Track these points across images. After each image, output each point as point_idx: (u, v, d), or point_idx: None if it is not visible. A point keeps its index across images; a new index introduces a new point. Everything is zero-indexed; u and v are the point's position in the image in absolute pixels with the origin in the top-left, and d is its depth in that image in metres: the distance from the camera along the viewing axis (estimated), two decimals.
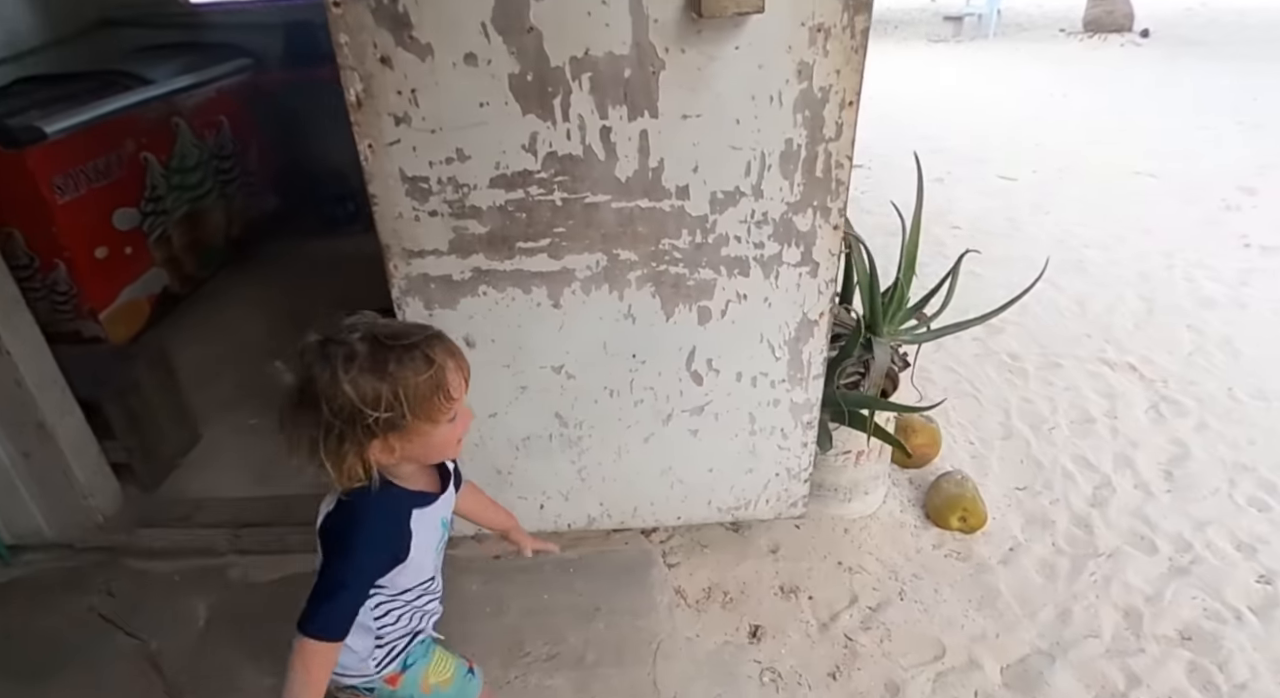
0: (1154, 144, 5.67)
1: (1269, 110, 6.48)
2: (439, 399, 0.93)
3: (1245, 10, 14.43)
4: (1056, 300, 3.44)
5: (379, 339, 0.90)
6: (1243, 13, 14.12)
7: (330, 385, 0.89)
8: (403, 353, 0.91)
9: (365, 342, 0.90)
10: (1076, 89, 7.76)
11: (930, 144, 6.02)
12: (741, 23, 1.24)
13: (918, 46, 11.35)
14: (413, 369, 0.90)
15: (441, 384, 0.93)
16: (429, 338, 0.94)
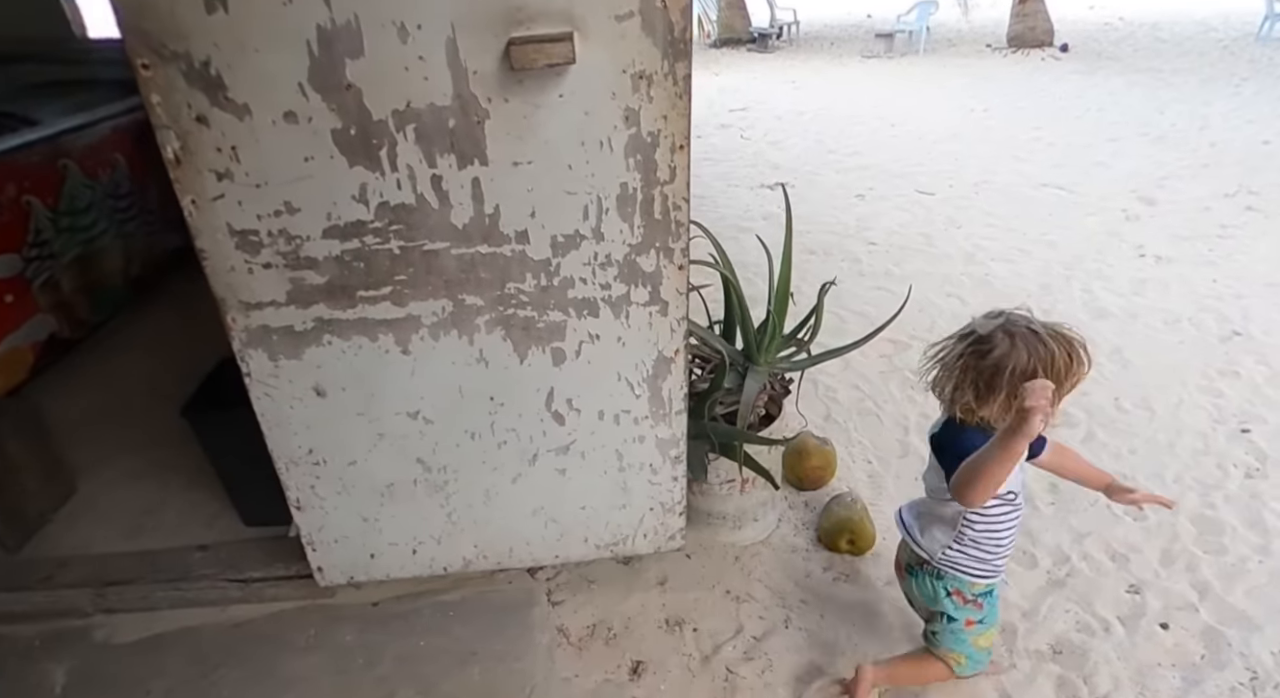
0: (1064, 157, 5.90)
1: (1173, 122, 6.80)
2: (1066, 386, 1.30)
3: (1159, 24, 15.17)
4: (961, 315, 3.52)
5: (1041, 331, 1.32)
6: (1156, 26, 14.84)
7: (1003, 348, 1.29)
8: (1060, 343, 1.30)
9: (1033, 329, 1.32)
10: (996, 104, 8.04)
11: (857, 159, 6.18)
12: (562, 72, 1.25)
13: (851, 63, 11.66)
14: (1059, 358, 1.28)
15: (1072, 375, 1.31)
16: (1079, 341, 1.33)
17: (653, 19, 1.23)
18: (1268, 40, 11.89)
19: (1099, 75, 9.56)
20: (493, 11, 1.20)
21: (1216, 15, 16.24)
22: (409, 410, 1.55)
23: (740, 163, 6.26)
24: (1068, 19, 17.46)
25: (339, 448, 1.58)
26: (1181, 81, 8.85)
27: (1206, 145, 5.97)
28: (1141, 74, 9.51)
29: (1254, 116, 6.79)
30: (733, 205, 5.22)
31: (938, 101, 8.38)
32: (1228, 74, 9.20)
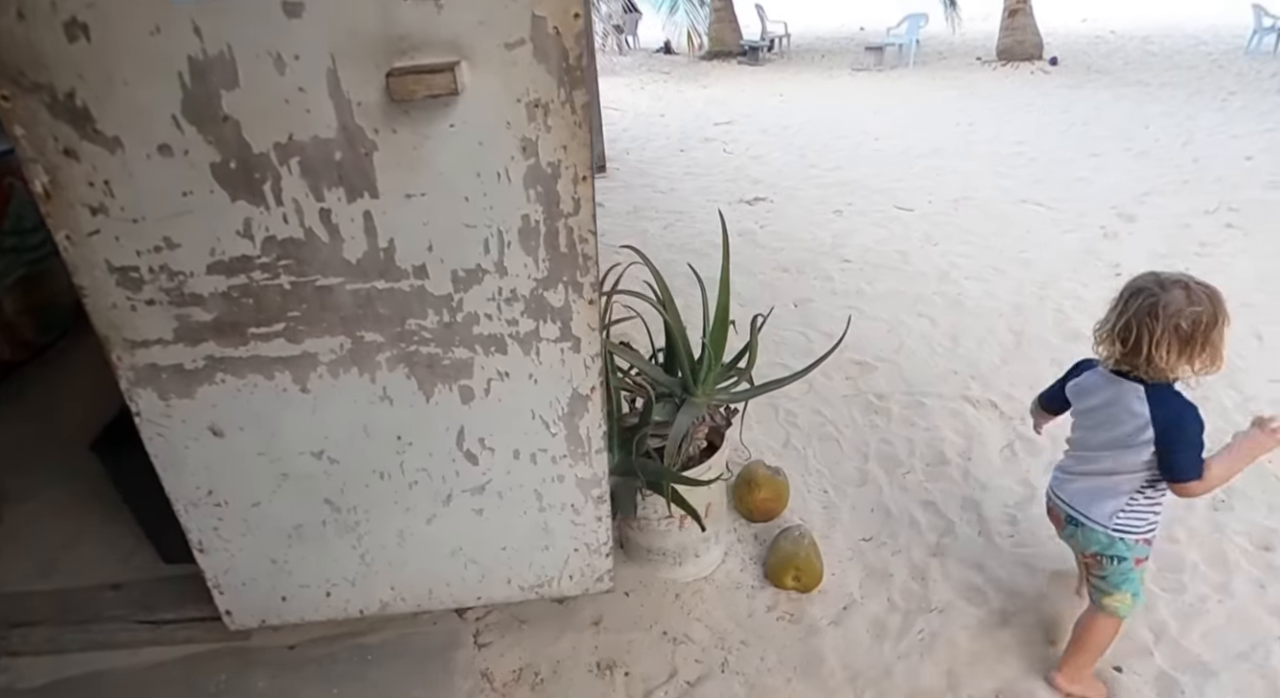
0: (1046, 172, 5.85)
1: (1156, 137, 6.76)
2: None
3: (1150, 37, 15.19)
4: (930, 336, 3.47)
5: (1194, 284, 1.47)
6: (1147, 39, 14.86)
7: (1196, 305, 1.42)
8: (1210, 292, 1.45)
9: (1194, 282, 1.47)
10: (982, 118, 8.01)
11: (838, 174, 6.13)
12: (452, 102, 1.19)
13: (841, 76, 11.66)
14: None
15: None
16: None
17: (545, 46, 1.18)
18: (1256, 54, 11.90)
19: (1086, 89, 9.54)
20: (374, 41, 1.15)
21: (1208, 29, 16.28)
22: (313, 450, 1.49)
23: (721, 177, 6.22)
24: (1059, 31, 17.51)
25: (241, 489, 1.51)
26: (1168, 95, 8.83)
27: (1189, 161, 5.93)
28: (1129, 87, 9.49)
29: (1238, 131, 6.75)
30: (709, 221, 5.16)
31: (924, 115, 8.35)
32: (1215, 88, 9.18)
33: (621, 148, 7.31)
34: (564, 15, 1.15)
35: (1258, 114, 7.52)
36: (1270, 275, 3.89)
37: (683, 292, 4.04)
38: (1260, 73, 10.17)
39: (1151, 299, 1.45)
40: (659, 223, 5.21)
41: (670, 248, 4.70)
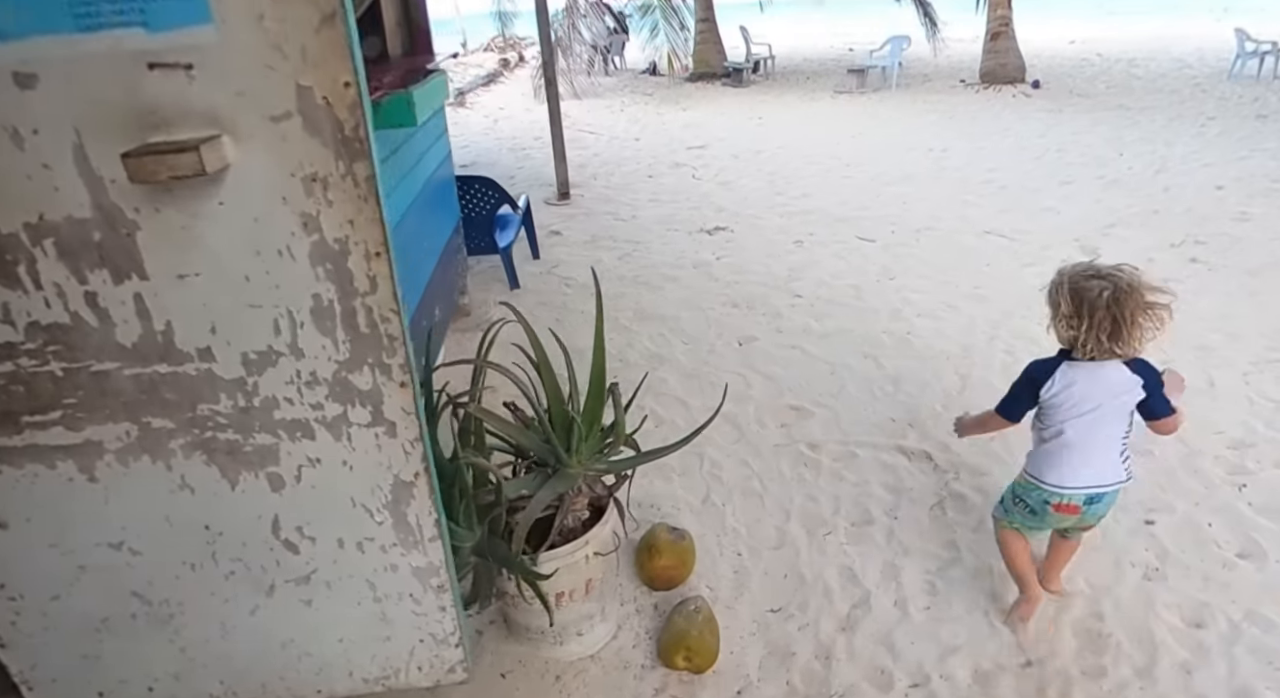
0: (1014, 201, 5.76)
1: (1130, 165, 6.68)
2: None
3: (1135, 61, 15.20)
4: (873, 379, 3.35)
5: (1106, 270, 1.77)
6: (1132, 63, 14.86)
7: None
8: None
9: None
10: (957, 143, 7.94)
11: (804, 203, 6.04)
12: (219, 178, 1.09)
13: (822, 99, 11.63)
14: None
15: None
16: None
17: (316, 118, 1.07)
18: (1239, 78, 11.87)
19: (1066, 113, 9.48)
20: (121, 115, 1.04)
21: (1193, 52, 16.30)
22: (110, 541, 1.36)
23: (685, 204, 6.13)
24: (1046, 53, 17.55)
25: (35, 582, 1.39)
26: (1148, 120, 8.77)
27: (1160, 190, 5.83)
28: (1109, 112, 9.43)
29: (1212, 159, 6.66)
30: (665, 251, 5.07)
31: (900, 140, 8.29)
32: (1195, 112, 9.12)
33: (590, 173, 7.24)
34: (333, 85, 1.05)
35: (1234, 140, 7.44)
36: (1231, 314, 3.78)
37: (623, 330, 3.97)
38: (1241, 97, 10.12)
39: (1109, 289, 1.68)
40: (615, 252, 5.11)
41: (622, 280, 4.60)
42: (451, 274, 3.66)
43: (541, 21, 5.74)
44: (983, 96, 11.21)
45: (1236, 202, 5.40)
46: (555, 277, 4.75)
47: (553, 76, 5.92)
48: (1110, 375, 1.79)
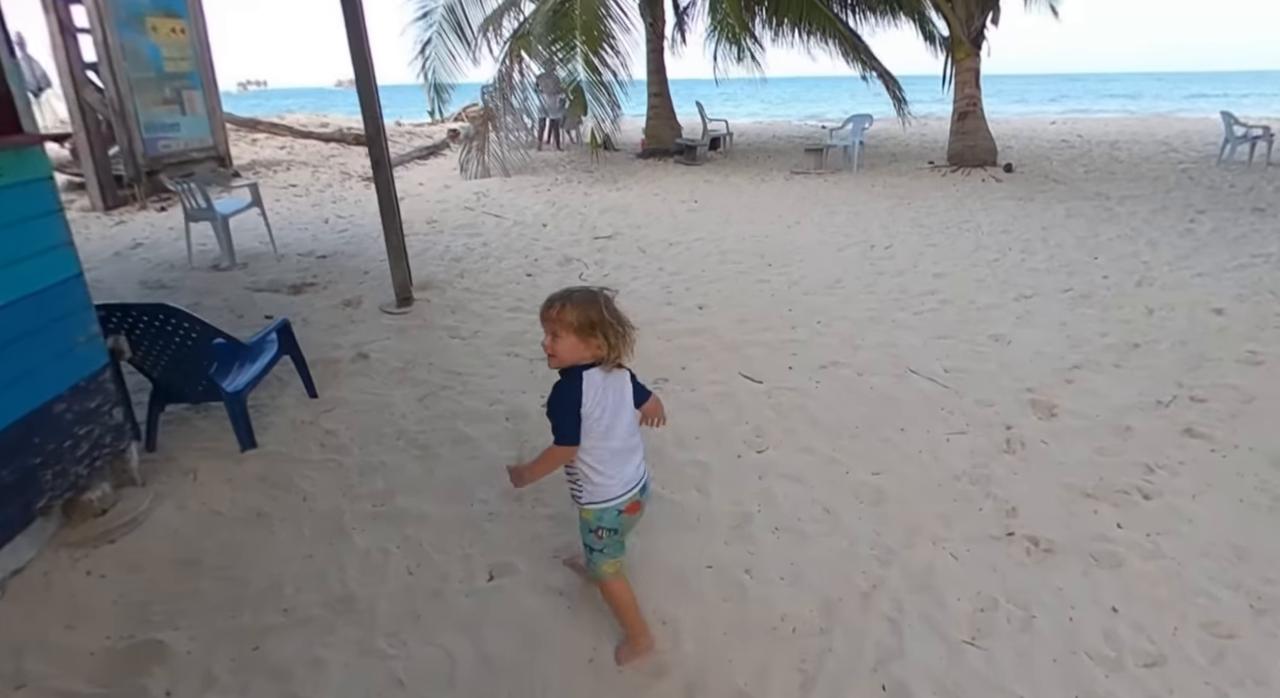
0: (957, 323, 4.51)
1: (1106, 272, 5.47)
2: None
3: (1118, 143, 14.39)
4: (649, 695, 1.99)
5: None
6: (1115, 145, 14.04)
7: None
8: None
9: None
10: (907, 238, 6.78)
11: (696, 318, 4.80)
12: None
13: (775, 180, 10.62)
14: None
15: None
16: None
17: None
18: (1230, 163, 10.92)
19: (1037, 201, 8.41)
20: None
21: (1179, 135, 15.57)
22: None
23: None
24: (1023, 133, 16.85)
25: None
26: (1128, 212, 7.67)
27: (1142, 311, 4.60)
28: (1086, 201, 8.36)
29: (1205, 266, 5.47)
30: (485, 391, 3.78)
31: (842, 232, 7.14)
32: (1183, 204, 8.05)
33: (461, 269, 6.03)
34: None
35: (1230, 240, 6.29)
36: (1253, 533, 2.45)
37: (340, 537, 2.63)
38: (1234, 187, 9.09)
39: (594, 304, 1.82)
40: (418, 391, 3.82)
41: (397, 438, 3.29)
42: (30, 460, 2.34)
43: (363, 88, 4.62)
44: (948, 181, 10.20)
45: (1242, 333, 4.16)
46: (317, 430, 3.44)
47: (381, 157, 4.77)
48: (622, 379, 1.95)
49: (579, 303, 1.81)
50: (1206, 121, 20.90)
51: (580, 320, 1.79)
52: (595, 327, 1.79)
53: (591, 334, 1.80)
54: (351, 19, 4.51)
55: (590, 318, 1.79)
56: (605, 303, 1.84)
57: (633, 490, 1.95)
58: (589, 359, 1.85)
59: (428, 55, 11.78)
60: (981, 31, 11.11)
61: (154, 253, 6.73)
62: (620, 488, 1.93)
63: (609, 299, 1.87)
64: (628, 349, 1.87)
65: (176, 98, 8.74)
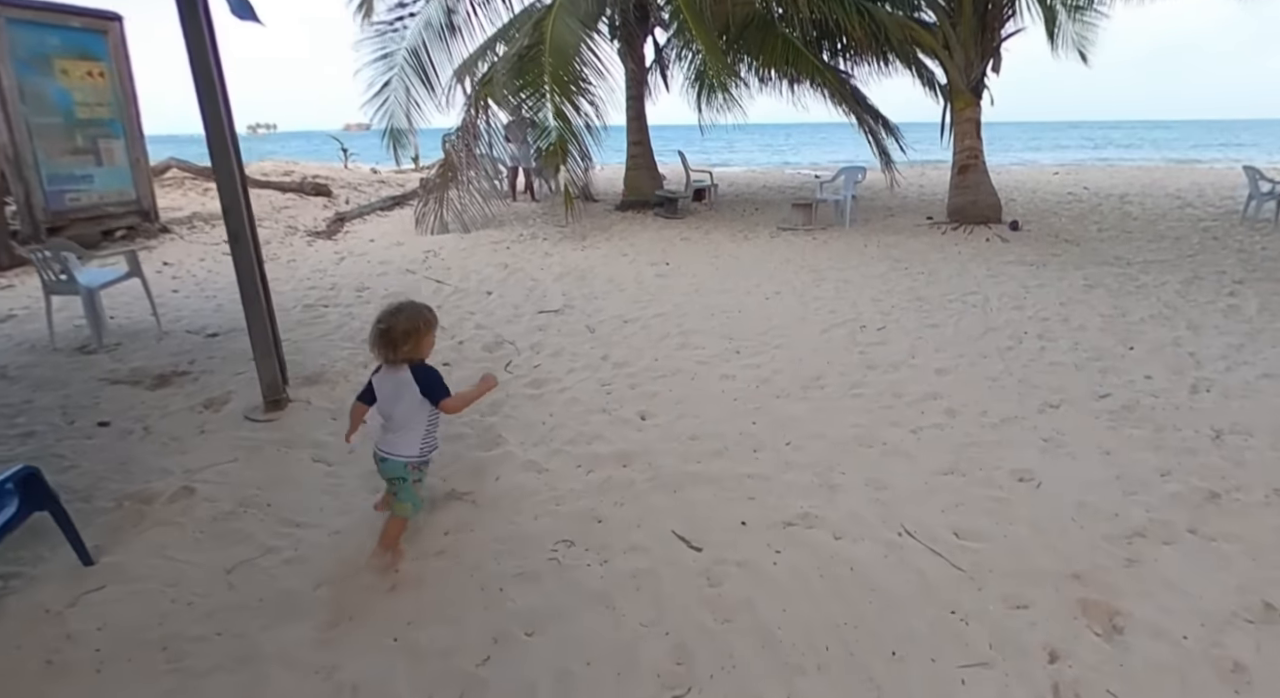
0: (967, 448, 3.46)
1: (1146, 371, 4.43)
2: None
3: (1128, 196, 13.56)
4: None
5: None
6: (1125, 199, 13.20)
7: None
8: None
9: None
10: (904, 317, 5.78)
11: (637, 435, 3.77)
12: None
13: (759, 238, 9.70)
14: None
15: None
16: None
17: None
18: (1254, 221, 10.02)
19: (1051, 268, 7.44)
20: None
21: (1192, 188, 14.76)
22: None
23: (457, 422, 3.86)
24: (1026, 185, 16.06)
25: None
26: (1156, 282, 6.70)
27: (1207, 435, 3.55)
28: (1105, 268, 7.40)
29: (1271, 365, 4.45)
30: (313, 563, 2.72)
31: (829, 306, 6.16)
32: (1215, 272, 7.08)
33: (369, 356, 5.02)
34: None
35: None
36: None
37: None
38: (1267, 250, 8.15)
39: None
40: (236, 554, 2.76)
41: (152, 670, 2.22)
42: None
43: (216, 144, 3.68)
44: (950, 240, 9.28)
45: None
46: (57, 631, 2.38)
47: (240, 231, 3.79)
48: (401, 376, 2.53)
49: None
50: (1213, 172, 20.22)
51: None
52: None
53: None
54: (197, 50, 3.59)
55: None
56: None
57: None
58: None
59: (386, 98, 11.02)
60: (982, 80, 10.34)
61: (21, 329, 5.74)
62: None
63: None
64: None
65: (92, 147, 7.88)
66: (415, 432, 2.56)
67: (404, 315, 2.49)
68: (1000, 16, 10.12)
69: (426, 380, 2.50)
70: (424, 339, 2.52)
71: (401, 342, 2.46)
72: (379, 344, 2.49)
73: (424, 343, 2.53)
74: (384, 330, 2.46)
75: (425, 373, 2.51)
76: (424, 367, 2.53)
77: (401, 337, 2.46)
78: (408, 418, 2.54)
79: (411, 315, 2.49)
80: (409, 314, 2.50)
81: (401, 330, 2.46)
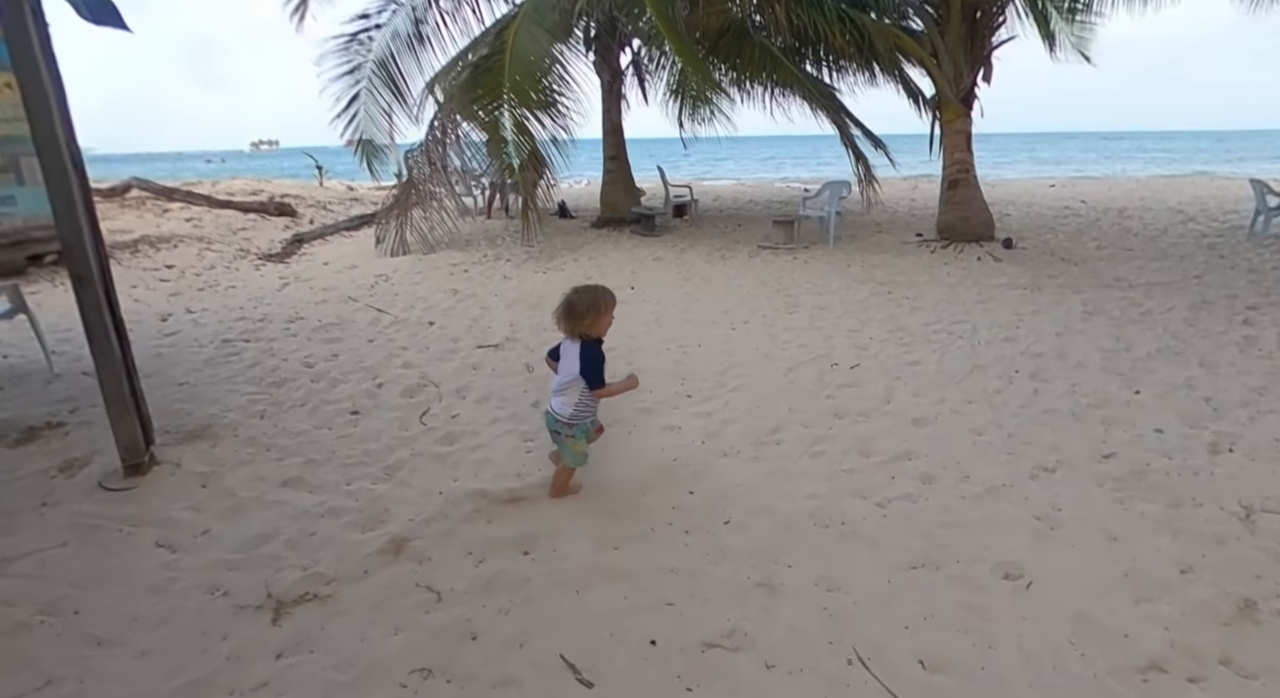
0: (943, 529, 2.84)
1: (1156, 419, 3.81)
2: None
3: (1126, 210, 13.01)
4: None
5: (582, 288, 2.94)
6: (1124, 213, 12.64)
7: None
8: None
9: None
10: (880, 352, 5.19)
11: (550, 513, 3.16)
12: None
13: (738, 256, 9.14)
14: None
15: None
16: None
17: None
18: (1262, 238, 9.44)
19: (1046, 292, 6.85)
20: None
21: (1193, 201, 14.20)
22: None
23: (337, 496, 3.25)
24: (1021, 198, 15.51)
25: None
26: (1161, 308, 6.10)
27: (1235, 513, 2.93)
28: (1106, 291, 6.81)
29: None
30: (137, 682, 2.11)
31: (800, 339, 5.56)
32: (1225, 296, 6.49)
33: (273, 400, 4.42)
34: None
35: None
36: None
37: None
38: (1278, 270, 7.56)
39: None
40: (23, 679, 2.15)
41: None
42: None
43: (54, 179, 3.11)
44: (939, 259, 8.70)
45: None
46: None
47: (84, 273, 3.20)
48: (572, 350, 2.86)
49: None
50: (1214, 184, 19.69)
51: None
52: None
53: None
54: (25, 62, 3.03)
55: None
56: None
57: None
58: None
59: (356, 112, 10.51)
60: (972, 90, 9.80)
61: None
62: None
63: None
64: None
65: (12, 166, 7.32)
66: (570, 398, 2.89)
67: (586, 293, 2.83)
68: (990, 23, 9.60)
69: (587, 361, 2.81)
70: (601, 318, 2.82)
71: (582, 315, 2.79)
72: (563, 316, 2.83)
73: (601, 322, 2.83)
74: (569, 303, 2.82)
75: (589, 355, 2.81)
76: (591, 349, 2.83)
77: (583, 310, 2.79)
78: (568, 385, 2.87)
79: (593, 294, 2.82)
80: (591, 293, 2.83)
81: (583, 306, 2.79)
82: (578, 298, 2.82)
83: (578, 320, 2.80)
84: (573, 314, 2.80)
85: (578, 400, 2.89)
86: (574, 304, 2.81)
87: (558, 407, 2.93)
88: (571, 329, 2.84)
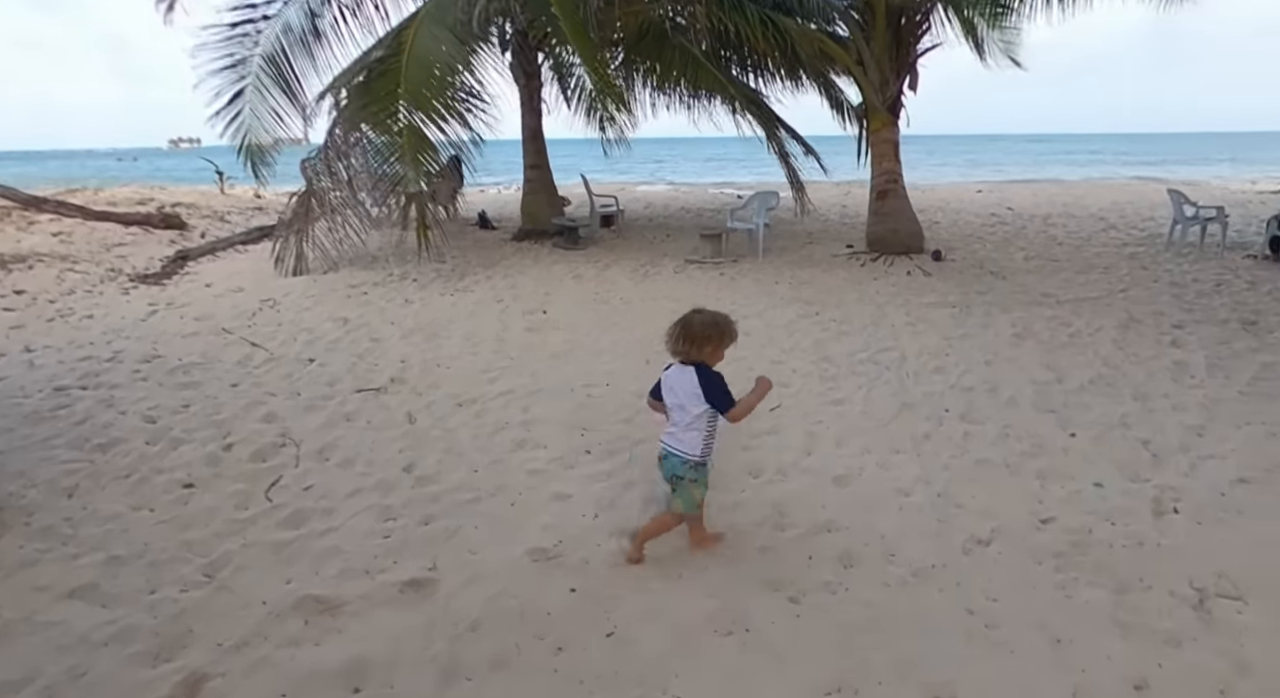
0: (864, 635, 2.39)
1: (1095, 472, 3.46)
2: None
3: (1050, 217, 13.12)
4: None
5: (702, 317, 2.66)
6: (1048, 221, 12.73)
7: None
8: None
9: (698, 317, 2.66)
10: (802, 390, 4.77)
11: (399, 625, 2.58)
12: None
13: (663, 272, 8.67)
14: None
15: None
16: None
17: None
18: (1180, 248, 9.53)
19: (975, 312, 6.59)
20: None
21: (1113, 208, 14.47)
22: None
23: (132, 618, 2.60)
24: (950, 205, 15.57)
25: None
26: (1090, 329, 5.90)
27: (1185, 596, 2.56)
28: (1035, 309, 6.60)
29: (1241, 460, 3.55)
30: None
31: None
32: (1152, 313, 6.36)
33: (93, 470, 3.69)
34: None
35: (1243, 389, 4.48)
36: None
37: None
38: (1199, 282, 7.55)
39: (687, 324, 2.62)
40: None
41: None
42: None
43: None
44: (868, 273, 8.42)
45: None
46: None
47: None
48: (685, 375, 2.62)
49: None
50: (1130, 189, 20.34)
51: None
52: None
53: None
54: None
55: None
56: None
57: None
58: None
59: (239, 111, 9.62)
60: (899, 98, 9.59)
61: None
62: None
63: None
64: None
65: None
66: (697, 432, 2.63)
67: (707, 316, 2.63)
68: (915, 30, 9.40)
69: (709, 386, 2.58)
70: (720, 346, 2.62)
71: (704, 341, 2.58)
72: (680, 337, 2.60)
73: (719, 351, 2.63)
74: (685, 323, 2.61)
75: (709, 378, 2.59)
76: (709, 370, 2.61)
77: (705, 336, 2.58)
78: (690, 417, 2.61)
79: (718, 323, 2.62)
80: (711, 317, 2.63)
81: (707, 331, 2.59)
82: (695, 319, 2.61)
83: (700, 344, 2.58)
84: (692, 336, 2.58)
85: (707, 431, 2.64)
86: (690, 325, 2.59)
87: (686, 447, 2.64)
88: (689, 351, 2.59)
